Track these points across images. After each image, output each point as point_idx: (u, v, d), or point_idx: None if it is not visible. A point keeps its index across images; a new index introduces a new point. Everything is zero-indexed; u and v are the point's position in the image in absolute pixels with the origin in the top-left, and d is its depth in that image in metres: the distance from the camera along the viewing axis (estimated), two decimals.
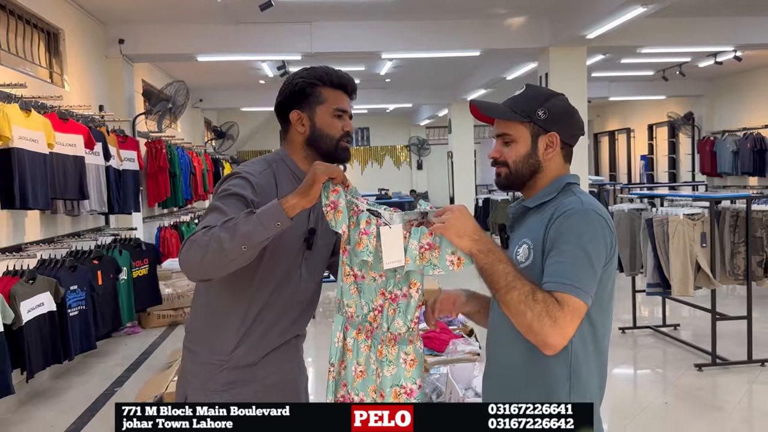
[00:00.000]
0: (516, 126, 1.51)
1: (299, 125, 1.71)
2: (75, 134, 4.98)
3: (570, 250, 1.37)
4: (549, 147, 1.50)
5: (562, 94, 1.56)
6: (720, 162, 11.59)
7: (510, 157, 1.52)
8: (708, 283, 4.73)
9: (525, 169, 1.51)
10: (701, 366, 4.75)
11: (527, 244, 1.47)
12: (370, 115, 15.74)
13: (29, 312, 4.13)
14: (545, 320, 1.30)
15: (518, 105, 1.51)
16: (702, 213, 4.78)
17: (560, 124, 1.50)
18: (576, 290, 1.33)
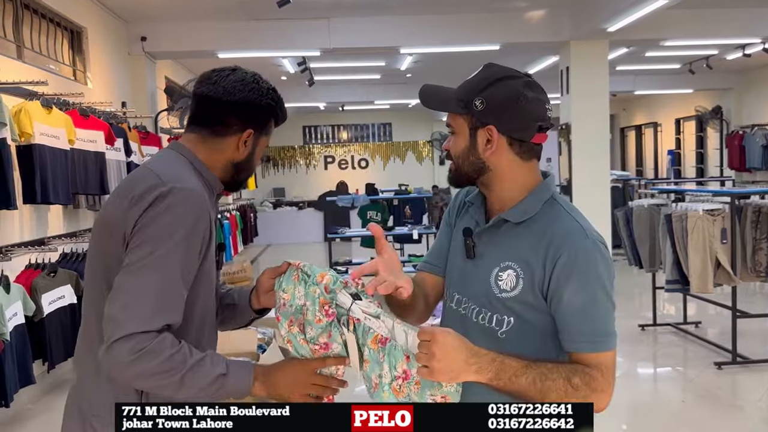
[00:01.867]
0: (456, 117, 1.31)
1: (242, 145, 1.41)
2: (96, 130, 5.07)
3: (592, 297, 1.23)
4: (488, 143, 1.28)
5: (521, 77, 1.30)
6: (749, 157, 11.34)
7: (454, 150, 1.33)
8: (728, 279, 4.65)
9: (467, 166, 1.31)
10: (721, 364, 4.67)
11: (514, 270, 1.26)
12: (392, 110, 15.74)
13: (50, 304, 4.23)
14: (592, 397, 1.19)
15: (461, 91, 1.30)
16: (722, 208, 4.69)
17: (499, 115, 1.26)
18: (607, 343, 1.24)
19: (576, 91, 7.24)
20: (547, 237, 1.25)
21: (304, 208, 14.28)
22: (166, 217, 1.25)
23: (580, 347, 1.23)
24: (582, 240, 1.24)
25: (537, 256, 1.24)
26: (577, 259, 1.22)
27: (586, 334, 1.22)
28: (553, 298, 1.23)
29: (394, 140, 16.55)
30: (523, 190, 1.31)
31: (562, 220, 1.27)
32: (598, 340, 1.22)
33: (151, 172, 1.33)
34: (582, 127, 7.25)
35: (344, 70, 10.09)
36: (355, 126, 16.53)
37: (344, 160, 16.33)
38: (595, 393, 1.19)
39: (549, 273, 1.23)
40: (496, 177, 1.31)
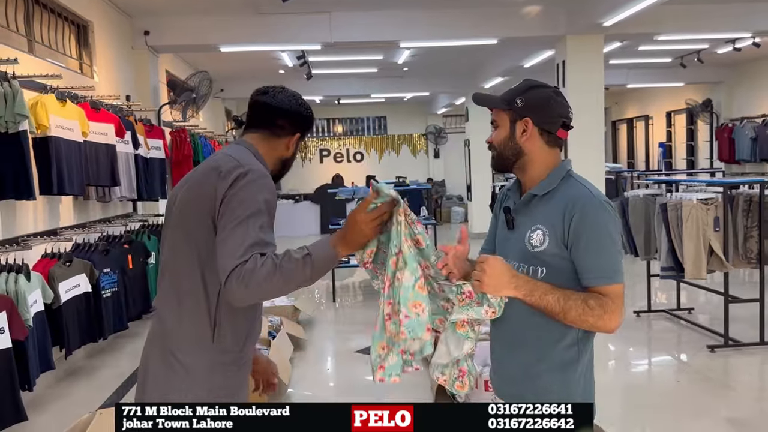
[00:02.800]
0: (500, 113, 1.70)
1: (291, 144, 1.82)
2: (107, 123, 5.18)
3: (600, 243, 1.58)
4: (524, 131, 1.66)
5: (551, 88, 1.70)
6: (738, 149, 11.55)
7: (495, 140, 1.71)
8: (721, 266, 4.83)
9: (507, 151, 1.69)
10: (714, 347, 4.85)
11: (542, 230, 1.63)
12: (387, 103, 15.85)
13: (67, 292, 4.35)
14: (605, 317, 1.54)
15: (505, 95, 1.70)
16: (715, 198, 4.87)
17: (534, 110, 1.65)
18: (615, 278, 1.57)
19: (572, 85, 7.39)
20: (564, 201, 1.61)
21: (300, 201, 14.37)
22: (249, 188, 1.61)
23: (593, 281, 1.57)
24: (590, 200, 1.60)
25: (557, 217, 1.60)
26: (587, 215, 1.58)
27: (597, 271, 1.57)
28: (572, 246, 1.59)
29: (389, 133, 16.68)
30: (547, 170, 1.69)
31: (575, 188, 1.64)
32: (608, 275, 1.56)
33: (231, 157, 1.69)
34: (577, 121, 7.31)
35: (342, 64, 10.19)
36: (350, 119, 16.64)
37: (339, 154, 16.44)
38: (607, 314, 1.53)
39: (567, 228, 1.59)
40: (529, 160, 1.69)
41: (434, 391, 4.06)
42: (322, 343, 5.62)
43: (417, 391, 4.30)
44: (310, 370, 4.82)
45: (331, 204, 11.61)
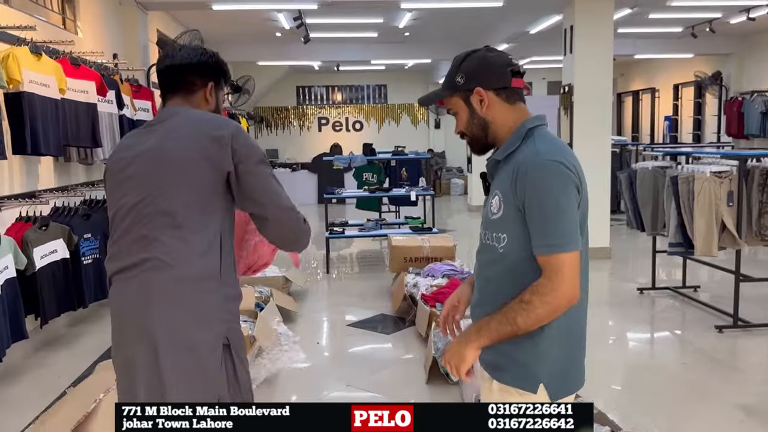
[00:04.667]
0: (450, 100, 1.65)
1: (209, 95, 1.87)
2: (87, 80, 4.89)
3: (543, 208, 1.48)
4: (482, 102, 1.60)
5: (477, 50, 1.64)
6: (747, 123, 11.25)
7: (461, 126, 1.66)
8: (733, 243, 4.59)
9: (476, 130, 1.63)
10: (722, 328, 4.65)
11: (498, 196, 1.57)
12: (387, 71, 15.47)
13: (42, 258, 4.12)
14: (549, 298, 1.46)
15: (445, 82, 1.65)
16: (730, 171, 4.61)
17: (477, 77, 1.59)
18: (562, 246, 1.47)
19: (579, 52, 7.07)
20: (515, 163, 1.54)
21: (298, 170, 14.10)
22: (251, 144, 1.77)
23: (537, 250, 1.50)
24: (534, 159, 1.50)
25: (509, 181, 1.53)
26: (528, 175, 1.49)
27: (537, 238, 1.49)
28: (524, 211, 1.51)
29: (390, 102, 16.31)
30: (506, 134, 1.62)
31: (527, 148, 1.55)
32: (550, 243, 1.47)
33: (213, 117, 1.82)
34: (585, 89, 7.10)
35: (341, 27, 9.82)
36: (349, 87, 16.26)
37: (338, 122, 16.11)
38: (546, 295, 1.46)
39: (515, 191, 1.51)
40: (497, 127, 1.62)
41: (427, 370, 3.86)
42: (314, 315, 5.41)
43: (411, 370, 4.10)
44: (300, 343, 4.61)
45: (328, 173, 11.34)
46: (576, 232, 1.49)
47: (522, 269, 1.52)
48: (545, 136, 1.59)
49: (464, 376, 1.54)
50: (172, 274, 1.70)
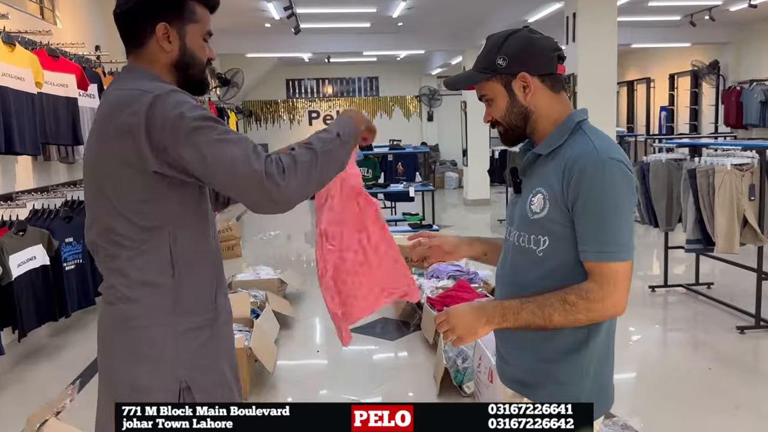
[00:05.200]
0: (487, 84, 1.48)
1: (165, 42, 1.41)
2: (67, 73, 4.57)
3: (600, 210, 1.34)
4: (526, 89, 1.45)
5: (518, 30, 1.48)
6: (746, 113, 11.08)
7: (497, 114, 1.49)
8: (755, 239, 4.36)
9: (515, 119, 1.48)
10: (743, 329, 4.42)
11: (542, 194, 1.41)
12: (379, 63, 15.16)
13: (20, 266, 3.81)
14: (596, 306, 1.34)
15: (480, 63, 1.48)
16: (751, 163, 4.37)
17: (524, 61, 1.44)
18: (615, 254, 1.34)
19: (582, 41, 6.81)
20: (566, 159, 1.38)
21: None
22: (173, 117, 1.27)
23: (588, 256, 1.36)
24: (592, 157, 1.35)
25: (558, 178, 1.38)
26: (586, 173, 1.34)
27: (592, 243, 1.35)
28: (573, 211, 1.37)
29: (381, 95, 16.01)
30: (554, 124, 1.46)
31: (580, 144, 1.40)
32: (605, 249, 1.34)
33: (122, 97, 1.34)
34: (588, 78, 6.84)
35: (332, 17, 9.50)
36: (340, 80, 15.94)
37: (329, 116, 15.79)
38: (594, 302, 1.33)
39: (566, 190, 1.36)
40: (539, 117, 1.47)
41: (438, 381, 3.60)
42: (312, 320, 5.12)
43: (419, 381, 3.83)
44: (297, 352, 4.34)
45: None
46: (631, 241, 1.37)
47: (562, 275, 1.39)
48: (596, 132, 1.45)
49: (456, 344, 1.41)
50: (112, 312, 1.40)
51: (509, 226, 1.53)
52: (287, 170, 1.27)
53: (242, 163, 1.25)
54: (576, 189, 1.34)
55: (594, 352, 1.43)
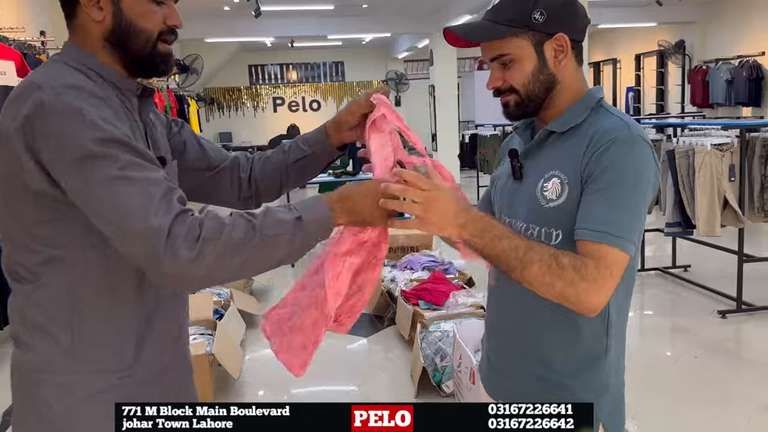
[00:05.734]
0: (512, 41, 1.22)
1: (94, 9, 1.11)
2: (5, 60, 4.20)
3: (613, 188, 1.13)
4: (559, 53, 1.22)
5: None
6: (713, 92, 11.10)
7: (516, 80, 1.23)
8: (735, 221, 4.25)
9: (539, 88, 1.24)
10: (725, 313, 4.32)
11: (559, 179, 1.20)
12: (344, 47, 14.83)
13: None
14: (580, 285, 1.09)
15: (505, 14, 1.21)
16: (731, 143, 4.25)
17: (564, 20, 1.22)
18: (615, 240, 1.11)
19: None
20: (589, 136, 1.19)
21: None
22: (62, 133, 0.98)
23: (585, 234, 1.13)
24: (623, 133, 1.16)
25: (578, 157, 1.18)
26: (613, 148, 1.14)
27: (590, 220, 1.13)
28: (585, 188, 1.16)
29: (347, 80, 15.71)
30: (573, 99, 1.26)
31: (606, 119, 1.21)
32: (603, 231, 1.11)
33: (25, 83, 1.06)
34: None
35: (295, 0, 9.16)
36: (305, 65, 15.58)
37: (294, 102, 15.44)
38: (582, 281, 1.09)
39: (585, 165, 1.16)
40: (562, 89, 1.25)
41: (416, 382, 3.40)
42: None
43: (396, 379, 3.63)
44: (264, 355, 4.10)
45: None
46: (634, 235, 1.15)
47: None
48: (619, 111, 1.26)
49: (413, 224, 1.12)
50: (15, 357, 1.13)
51: (509, 218, 1.30)
52: (203, 241, 0.96)
53: (137, 215, 0.95)
54: (597, 162, 1.14)
55: (612, 364, 1.27)
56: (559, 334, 1.25)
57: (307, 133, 1.42)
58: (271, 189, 1.44)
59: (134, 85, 1.17)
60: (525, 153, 1.30)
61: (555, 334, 1.25)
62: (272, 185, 1.43)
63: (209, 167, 1.39)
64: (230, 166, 1.41)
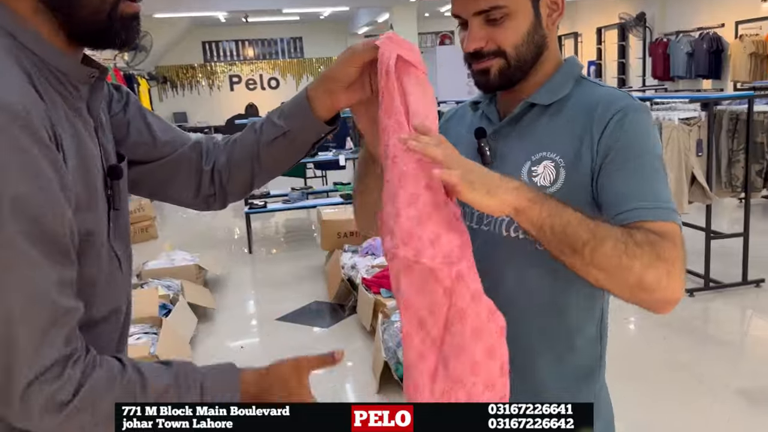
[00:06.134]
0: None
1: None
2: None
3: (642, 159, 0.97)
4: (554, 11, 1.07)
5: None
6: (673, 65, 11.11)
7: (508, 40, 1.03)
8: (703, 197, 4.14)
9: (531, 52, 1.05)
10: (692, 291, 4.23)
11: (552, 161, 1.02)
12: (302, 22, 14.41)
13: None
14: (660, 268, 0.87)
15: None
16: (698, 117, 4.12)
17: None
18: (670, 213, 0.94)
19: None
20: (587, 110, 1.03)
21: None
22: None
23: (636, 213, 0.93)
24: (629, 101, 1.02)
25: (579, 136, 1.02)
26: (627, 120, 0.99)
27: (642, 198, 0.95)
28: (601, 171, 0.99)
29: (306, 57, 15.29)
30: (554, 68, 1.09)
31: (600, 90, 1.07)
32: (663, 206, 0.94)
33: None
34: None
35: None
36: (262, 41, 15.10)
37: (252, 80, 14.98)
38: (665, 263, 0.87)
39: (594, 144, 1.00)
40: (548, 56, 1.08)
41: (377, 376, 3.22)
42: (235, 310, 4.62)
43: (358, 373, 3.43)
44: (217, 350, 3.86)
45: None
46: None
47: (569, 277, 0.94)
48: (601, 82, 1.15)
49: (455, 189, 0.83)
50: None
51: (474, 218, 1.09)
52: (70, 411, 0.77)
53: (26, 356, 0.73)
54: (614, 135, 0.98)
55: (603, 375, 1.17)
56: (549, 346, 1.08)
57: (285, 103, 1.07)
58: (240, 182, 1.10)
59: (85, 73, 0.86)
60: (496, 132, 1.08)
61: (546, 346, 1.08)
62: (241, 177, 1.09)
63: (160, 156, 1.06)
64: (189, 154, 1.08)
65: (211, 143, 1.11)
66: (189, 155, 1.08)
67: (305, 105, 1.01)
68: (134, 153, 1.03)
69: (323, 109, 1.01)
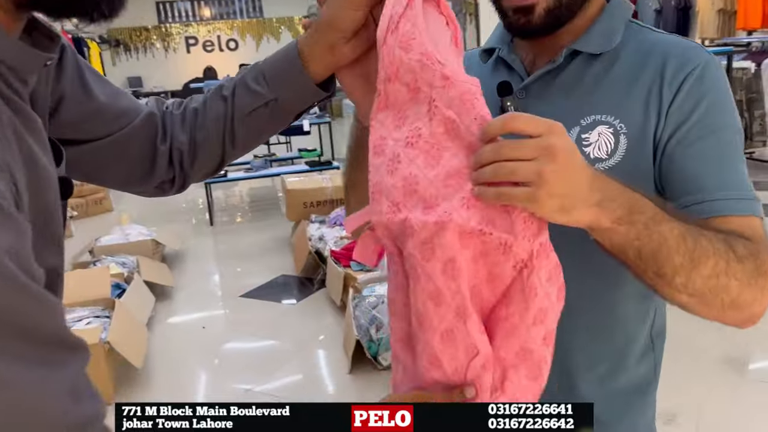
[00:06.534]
0: None
1: None
2: None
3: (724, 134, 0.77)
4: None
5: None
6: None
7: None
8: None
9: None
10: None
11: (611, 126, 0.80)
12: None
13: None
14: (759, 284, 0.70)
15: None
16: None
17: None
18: (756, 206, 0.76)
19: None
20: (653, 64, 0.80)
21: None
22: None
23: (725, 205, 0.74)
24: (704, 54, 0.79)
25: (641, 97, 0.79)
26: (704, 80, 0.77)
27: (729, 188, 0.75)
28: (673, 143, 0.77)
29: (266, 17, 14.72)
30: (596, 8, 0.85)
31: (661, 38, 0.83)
32: (747, 197, 0.75)
33: None
34: None
35: None
36: (218, 1, 14.46)
37: (209, 42, 14.38)
38: (763, 276, 0.70)
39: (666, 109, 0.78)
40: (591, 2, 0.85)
41: (350, 356, 3.03)
42: (196, 286, 4.37)
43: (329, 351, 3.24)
44: (177, 331, 3.62)
45: None
46: None
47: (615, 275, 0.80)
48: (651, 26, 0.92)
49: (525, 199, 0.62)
50: None
51: None
52: None
53: None
54: (691, 98, 0.77)
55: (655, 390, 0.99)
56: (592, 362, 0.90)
57: (263, 63, 0.83)
58: (205, 165, 0.87)
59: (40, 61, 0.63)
60: (526, 88, 0.86)
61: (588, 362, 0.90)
62: (207, 159, 0.86)
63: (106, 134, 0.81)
64: (140, 130, 0.84)
65: (167, 113, 0.86)
66: (140, 132, 0.83)
67: (297, 64, 0.77)
68: (70, 130, 0.77)
69: (321, 67, 0.77)
